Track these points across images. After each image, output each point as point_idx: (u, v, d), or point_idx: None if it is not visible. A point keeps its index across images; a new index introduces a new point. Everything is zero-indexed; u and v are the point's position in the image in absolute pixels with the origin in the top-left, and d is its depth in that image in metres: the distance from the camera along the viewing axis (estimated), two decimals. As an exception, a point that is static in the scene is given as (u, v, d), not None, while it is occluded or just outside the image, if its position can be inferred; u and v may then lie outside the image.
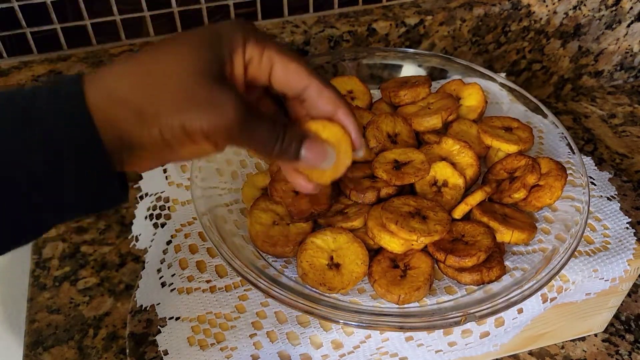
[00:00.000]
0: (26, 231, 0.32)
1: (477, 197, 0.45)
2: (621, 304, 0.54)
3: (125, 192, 0.33)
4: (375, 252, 0.44)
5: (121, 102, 0.30)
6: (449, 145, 0.49)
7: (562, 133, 0.52)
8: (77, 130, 0.29)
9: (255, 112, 0.32)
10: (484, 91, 0.55)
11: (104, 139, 0.30)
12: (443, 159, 0.48)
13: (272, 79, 0.35)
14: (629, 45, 0.84)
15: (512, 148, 0.49)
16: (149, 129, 0.30)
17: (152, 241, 0.51)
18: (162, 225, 0.51)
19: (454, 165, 0.48)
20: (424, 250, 0.44)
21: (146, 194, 0.55)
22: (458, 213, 0.44)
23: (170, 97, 0.31)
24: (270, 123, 0.33)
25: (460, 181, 0.46)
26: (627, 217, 0.51)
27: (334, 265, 0.42)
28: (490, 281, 0.42)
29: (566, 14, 0.76)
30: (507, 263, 0.44)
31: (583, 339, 0.55)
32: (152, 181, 0.55)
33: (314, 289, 0.41)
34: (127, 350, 0.47)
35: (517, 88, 0.57)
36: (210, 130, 0.31)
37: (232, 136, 0.32)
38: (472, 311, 0.39)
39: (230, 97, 0.31)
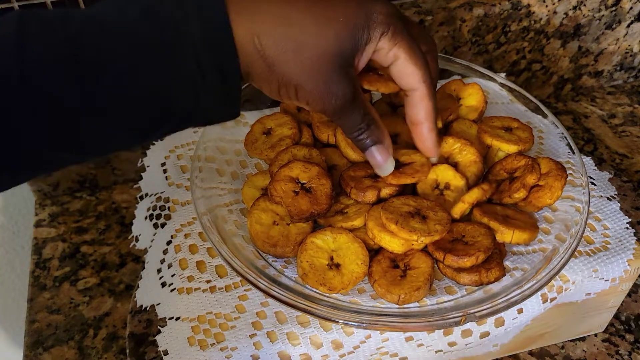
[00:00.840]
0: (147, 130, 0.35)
1: (473, 194, 0.44)
2: (621, 304, 0.54)
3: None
4: (375, 252, 0.44)
5: (260, 52, 0.34)
6: (450, 145, 0.49)
7: (562, 133, 0.52)
8: (224, 65, 0.34)
9: (357, 100, 0.38)
10: (484, 91, 0.55)
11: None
12: (445, 159, 0.48)
13: (389, 71, 0.39)
14: (629, 46, 0.84)
15: (512, 148, 0.49)
16: (270, 81, 0.36)
17: (152, 241, 0.51)
18: (162, 225, 0.51)
19: (455, 165, 0.48)
20: (424, 250, 0.44)
21: (146, 194, 0.55)
22: (456, 212, 0.44)
23: (300, 67, 0.35)
24: (361, 115, 0.39)
25: (462, 183, 0.46)
26: (627, 217, 0.51)
27: (334, 266, 0.42)
28: (489, 282, 0.42)
29: (566, 14, 0.76)
30: (507, 263, 0.44)
31: (583, 339, 0.55)
32: (152, 181, 0.55)
33: (314, 289, 0.41)
34: (127, 351, 0.47)
35: (517, 88, 0.57)
36: (314, 107, 0.37)
37: (330, 116, 0.38)
38: (472, 311, 0.39)
39: (346, 91, 0.37)
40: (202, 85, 0.33)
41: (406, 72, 0.39)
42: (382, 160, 0.41)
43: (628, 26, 0.81)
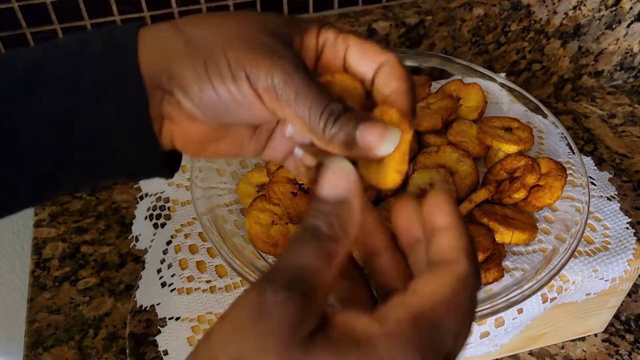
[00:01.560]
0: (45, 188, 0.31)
1: (481, 194, 0.45)
2: (621, 304, 0.54)
3: (170, 165, 0.32)
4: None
5: (175, 28, 0.30)
6: (448, 154, 0.49)
7: (562, 133, 0.52)
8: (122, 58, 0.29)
9: (312, 76, 0.29)
10: (484, 91, 0.55)
11: (144, 71, 0.29)
12: (442, 166, 0.48)
13: (348, 60, 0.32)
14: (629, 46, 0.84)
15: (512, 148, 0.49)
16: (193, 60, 0.29)
17: (152, 241, 0.51)
18: (162, 225, 0.51)
19: (452, 174, 0.48)
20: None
21: (146, 194, 0.55)
22: (462, 210, 0.45)
23: (227, 33, 0.29)
24: (321, 90, 0.29)
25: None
26: (627, 217, 0.51)
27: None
28: (487, 284, 0.42)
29: (566, 14, 0.76)
30: (507, 263, 0.44)
31: (583, 339, 0.55)
32: (152, 181, 0.55)
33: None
34: (127, 351, 0.47)
35: (517, 88, 0.57)
36: (257, 71, 0.28)
37: (278, 90, 0.29)
38: (472, 311, 0.39)
39: (291, 51, 0.29)
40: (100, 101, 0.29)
41: (365, 48, 0.31)
42: (378, 135, 0.28)
43: (628, 26, 0.81)
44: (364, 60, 0.32)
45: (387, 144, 0.28)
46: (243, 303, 0.22)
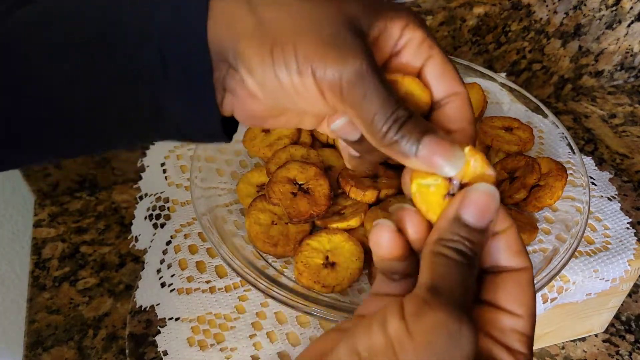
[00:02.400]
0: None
1: None
2: (622, 305, 0.54)
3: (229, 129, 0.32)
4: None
5: (248, 4, 0.28)
6: None
7: (563, 133, 0.52)
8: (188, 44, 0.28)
9: (383, 77, 0.28)
10: (484, 91, 0.55)
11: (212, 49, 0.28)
12: None
13: (424, 73, 0.30)
14: (629, 45, 0.83)
15: (513, 148, 0.49)
16: (262, 41, 0.28)
17: (151, 241, 0.51)
18: (162, 225, 0.51)
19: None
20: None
21: (146, 194, 0.55)
22: None
23: (299, 18, 0.28)
24: (390, 94, 0.27)
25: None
26: (627, 217, 0.50)
27: (330, 264, 0.42)
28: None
29: (566, 13, 0.76)
30: (507, 263, 0.44)
31: (583, 339, 0.55)
32: (151, 181, 0.55)
33: (312, 290, 0.41)
34: (127, 351, 0.47)
35: (518, 88, 0.56)
36: (321, 72, 0.27)
37: (344, 89, 0.27)
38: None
39: (365, 48, 0.27)
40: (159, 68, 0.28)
41: (446, 71, 0.30)
42: (445, 153, 0.27)
43: (628, 26, 0.80)
44: (439, 81, 0.30)
45: (450, 167, 0.27)
46: (439, 329, 0.23)
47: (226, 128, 0.32)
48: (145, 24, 0.28)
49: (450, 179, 0.27)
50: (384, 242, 0.28)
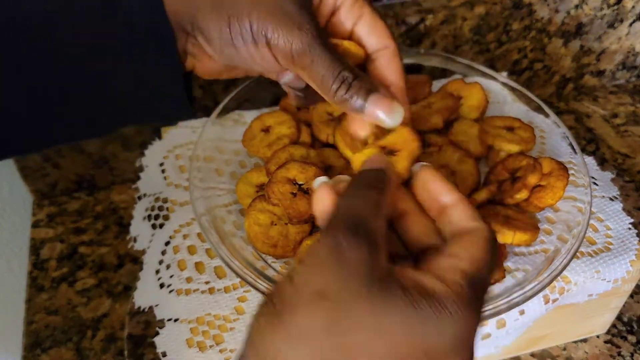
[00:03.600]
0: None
1: (482, 195, 0.44)
2: (623, 305, 0.53)
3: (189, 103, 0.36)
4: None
5: None
6: (449, 154, 0.48)
7: (564, 133, 0.52)
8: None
9: (328, 44, 0.33)
10: (486, 91, 0.55)
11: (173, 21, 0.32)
12: (443, 166, 0.48)
13: (356, 30, 0.36)
14: (631, 45, 0.83)
15: (514, 148, 0.49)
16: (220, 16, 0.32)
17: (150, 242, 0.51)
18: (161, 226, 0.51)
19: (453, 173, 0.47)
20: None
21: (144, 195, 0.55)
22: None
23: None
24: (335, 59, 0.33)
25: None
26: (629, 217, 0.50)
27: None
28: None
29: (568, 12, 0.75)
30: (508, 264, 0.44)
31: (585, 340, 0.55)
32: (150, 182, 0.55)
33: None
34: (126, 352, 0.46)
35: (519, 87, 0.56)
36: (277, 41, 0.32)
37: (295, 55, 0.32)
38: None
39: (310, 18, 0.32)
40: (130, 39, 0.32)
41: (376, 26, 0.35)
42: (386, 109, 0.33)
43: (630, 25, 0.80)
44: (369, 36, 0.35)
45: (392, 120, 0.34)
46: (319, 247, 0.24)
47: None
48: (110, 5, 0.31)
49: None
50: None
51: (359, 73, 0.33)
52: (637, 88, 0.87)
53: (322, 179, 0.31)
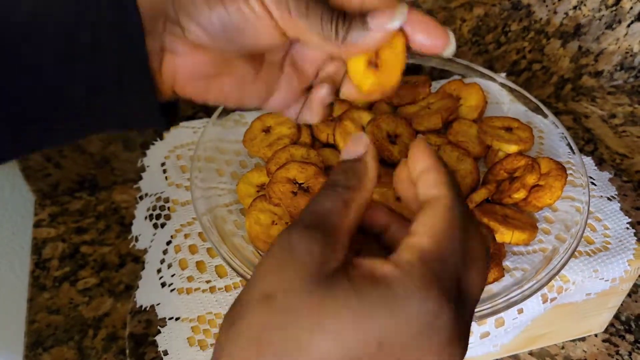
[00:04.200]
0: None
1: (481, 194, 0.45)
2: (621, 304, 0.54)
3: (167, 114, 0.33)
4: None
5: None
6: (448, 153, 0.49)
7: (563, 133, 0.52)
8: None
9: None
10: (484, 91, 0.55)
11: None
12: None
13: None
14: (629, 45, 0.83)
15: (512, 148, 0.49)
16: None
17: (152, 241, 0.51)
18: (162, 225, 0.51)
19: (453, 173, 0.47)
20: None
21: (146, 194, 0.55)
22: None
23: None
24: (327, 3, 0.31)
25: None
26: (627, 217, 0.50)
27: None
28: (487, 283, 0.42)
29: (566, 13, 0.76)
30: (507, 263, 0.44)
31: (583, 339, 0.55)
32: (151, 181, 0.55)
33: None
34: (127, 351, 0.47)
35: (517, 88, 0.56)
36: None
37: (290, 5, 0.30)
38: (472, 311, 0.39)
39: None
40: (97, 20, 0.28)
41: None
42: (388, 14, 0.30)
43: (628, 26, 0.80)
44: None
45: (399, 17, 0.30)
46: (273, 246, 0.24)
47: (166, 113, 0.33)
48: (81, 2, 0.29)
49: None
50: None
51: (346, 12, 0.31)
52: (635, 88, 0.88)
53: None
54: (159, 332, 0.44)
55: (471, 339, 0.44)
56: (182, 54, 0.31)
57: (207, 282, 0.46)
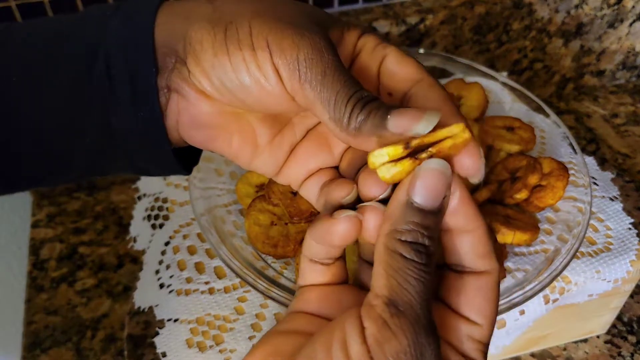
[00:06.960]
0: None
1: (482, 194, 0.44)
2: (623, 305, 0.53)
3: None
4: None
5: (200, 4, 0.27)
6: None
7: (564, 133, 0.52)
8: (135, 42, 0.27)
9: (339, 56, 0.26)
10: (486, 90, 0.55)
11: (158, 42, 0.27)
12: None
13: (383, 70, 0.29)
14: (631, 44, 0.83)
15: (514, 148, 0.49)
16: (215, 24, 0.26)
17: (150, 242, 0.51)
18: (161, 226, 0.51)
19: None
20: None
21: (144, 195, 0.55)
22: None
23: (254, 7, 0.26)
24: (351, 76, 0.26)
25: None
26: (629, 217, 0.50)
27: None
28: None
29: (568, 12, 0.75)
30: (508, 264, 0.44)
31: (585, 340, 0.55)
32: (150, 182, 0.55)
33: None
34: (125, 352, 0.46)
35: (519, 87, 0.56)
36: (280, 42, 0.25)
37: (301, 64, 0.25)
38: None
39: (324, 31, 0.26)
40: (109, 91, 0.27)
41: (403, 62, 0.28)
42: (417, 115, 0.24)
43: (630, 25, 0.80)
44: (399, 70, 0.28)
45: (424, 124, 0.24)
46: (400, 351, 0.22)
47: (185, 161, 0.31)
48: (95, 36, 0.27)
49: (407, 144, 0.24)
50: (343, 230, 0.26)
51: (379, 96, 0.26)
52: (637, 88, 0.87)
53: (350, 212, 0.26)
54: (158, 333, 0.43)
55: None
56: (187, 96, 0.28)
57: (206, 283, 0.45)
